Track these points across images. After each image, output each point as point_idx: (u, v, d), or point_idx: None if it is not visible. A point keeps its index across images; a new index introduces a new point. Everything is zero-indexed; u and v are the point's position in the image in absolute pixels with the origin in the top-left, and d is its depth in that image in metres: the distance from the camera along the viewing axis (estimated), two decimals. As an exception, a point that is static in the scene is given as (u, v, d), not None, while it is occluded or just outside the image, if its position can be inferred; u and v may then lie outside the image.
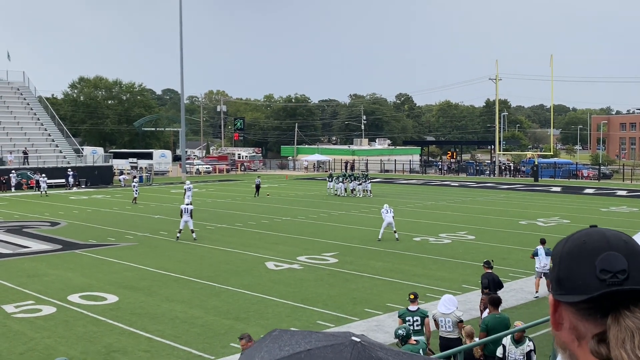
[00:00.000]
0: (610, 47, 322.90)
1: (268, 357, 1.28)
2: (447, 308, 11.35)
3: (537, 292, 16.97)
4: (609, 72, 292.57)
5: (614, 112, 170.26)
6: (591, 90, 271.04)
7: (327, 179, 50.68)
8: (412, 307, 11.62)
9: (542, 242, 17.69)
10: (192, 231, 26.20)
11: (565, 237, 1.39)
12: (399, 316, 11.66)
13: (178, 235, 26.20)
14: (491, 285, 13.89)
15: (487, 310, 11.46)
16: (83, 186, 55.49)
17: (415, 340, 9.94)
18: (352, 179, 48.16)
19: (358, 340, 1.30)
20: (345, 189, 47.14)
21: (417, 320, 11.39)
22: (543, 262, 16.73)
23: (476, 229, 29.20)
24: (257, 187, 46.52)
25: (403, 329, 9.96)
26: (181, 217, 26.24)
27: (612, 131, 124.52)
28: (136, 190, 41.55)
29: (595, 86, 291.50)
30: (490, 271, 14.43)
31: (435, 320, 11.46)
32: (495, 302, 11.26)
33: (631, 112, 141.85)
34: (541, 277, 16.85)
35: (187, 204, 27.00)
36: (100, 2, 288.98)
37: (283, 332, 1.44)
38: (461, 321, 11.29)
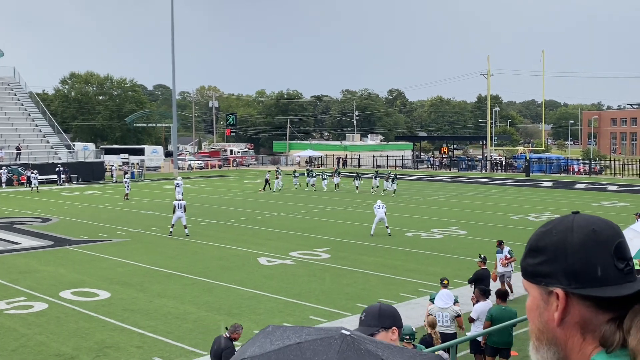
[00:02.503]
0: (601, 43, 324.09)
1: (259, 352, 1.30)
2: (445, 302, 11.25)
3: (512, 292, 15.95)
4: (600, 68, 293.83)
5: (605, 108, 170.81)
6: (582, 86, 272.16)
7: (293, 174, 51.52)
8: None
9: (500, 244, 16.68)
10: (185, 227, 26.20)
11: (557, 225, 1.31)
12: (431, 299, 11.76)
13: (171, 230, 26.18)
14: (481, 280, 14.01)
15: (479, 301, 11.51)
16: (74, 182, 55.29)
17: (413, 344, 9.40)
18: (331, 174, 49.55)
19: (348, 333, 1.31)
20: (312, 184, 48.48)
21: None
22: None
23: (468, 224, 29.29)
24: (267, 181, 48.13)
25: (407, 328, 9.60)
26: (174, 212, 26.25)
27: (603, 126, 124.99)
28: (128, 186, 41.45)
29: (587, 81, 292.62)
30: (485, 267, 14.56)
31: (431, 315, 11.41)
32: (483, 292, 11.34)
33: (622, 107, 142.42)
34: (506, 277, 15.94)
35: (180, 200, 27.02)
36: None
37: (276, 328, 1.45)
38: (459, 315, 11.26)
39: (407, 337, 9.23)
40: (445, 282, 11.98)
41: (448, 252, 22.32)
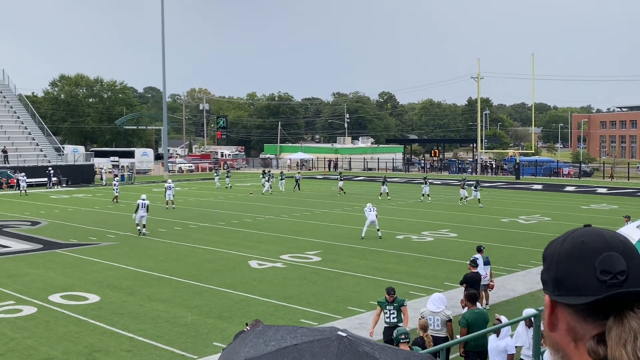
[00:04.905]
0: (590, 47, 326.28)
1: (254, 353, 1.27)
2: (437, 307, 11.16)
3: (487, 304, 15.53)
4: (590, 71, 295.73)
5: (594, 111, 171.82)
6: (572, 89, 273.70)
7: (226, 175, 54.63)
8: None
9: (479, 250, 16.21)
10: (144, 226, 26.86)
11: (560, 236, 1.36)
12: (380, 304, 11.95)
13: (144, 230, 26.88)
14: (471, 283, 14.01)
15: (467, 307, 11.48)
16: (64, 185, 54.99)
17: (410, 347, 9.40)
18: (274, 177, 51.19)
19: (344, 335, 1.29)
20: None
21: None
22: (482, 272, 15.13)
23: (458, 226, 29.35)
24: (297, 181, 50.51)
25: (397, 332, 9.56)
26: (136, 212, 26.87)
27: (593, 129, 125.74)
28: (117, 189, 41.28)
29: (576, 85, 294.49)
30: (476, 270, 14.56)
31: (422, 319, 11.20)
32: (472, 298, 11.29)
33: (611, 110, 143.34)
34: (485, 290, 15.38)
35: (144, 199, 27.07)
36: None
37: (267, 327, 1.42)
38: (450, 320, 11.19)
39: (403, 336, 9.27)
40: (392, 295, 11.89)
41: (439, 255, 22.35)
